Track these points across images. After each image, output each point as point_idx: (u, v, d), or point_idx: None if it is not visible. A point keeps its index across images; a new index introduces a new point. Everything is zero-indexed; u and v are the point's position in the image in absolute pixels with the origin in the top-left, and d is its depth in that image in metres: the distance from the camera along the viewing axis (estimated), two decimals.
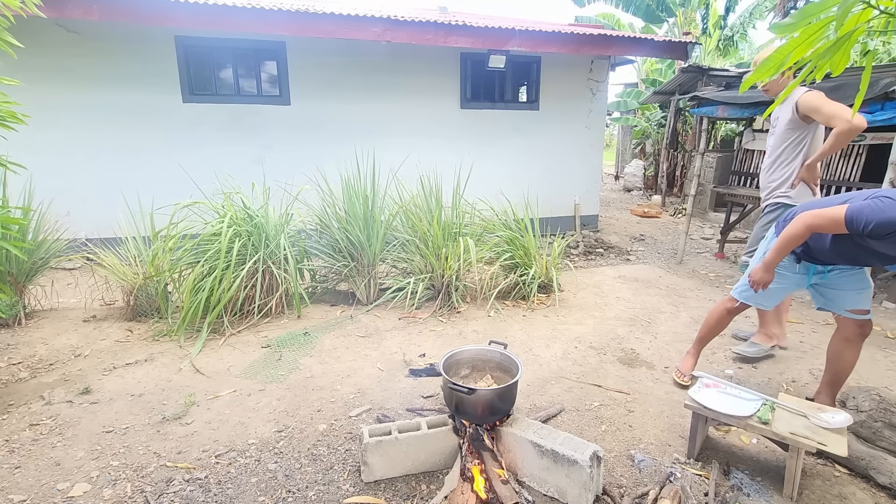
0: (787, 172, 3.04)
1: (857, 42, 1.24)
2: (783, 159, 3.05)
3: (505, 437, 2.05)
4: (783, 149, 3.03)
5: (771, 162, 3.10)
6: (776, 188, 3.09)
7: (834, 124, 2.71)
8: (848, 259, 2.19)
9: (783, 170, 3.05)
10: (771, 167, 3.11)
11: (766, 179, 3.16)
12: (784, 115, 3.00)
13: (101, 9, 4.52)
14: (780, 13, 10.47)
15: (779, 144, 3.05)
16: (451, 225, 4.31)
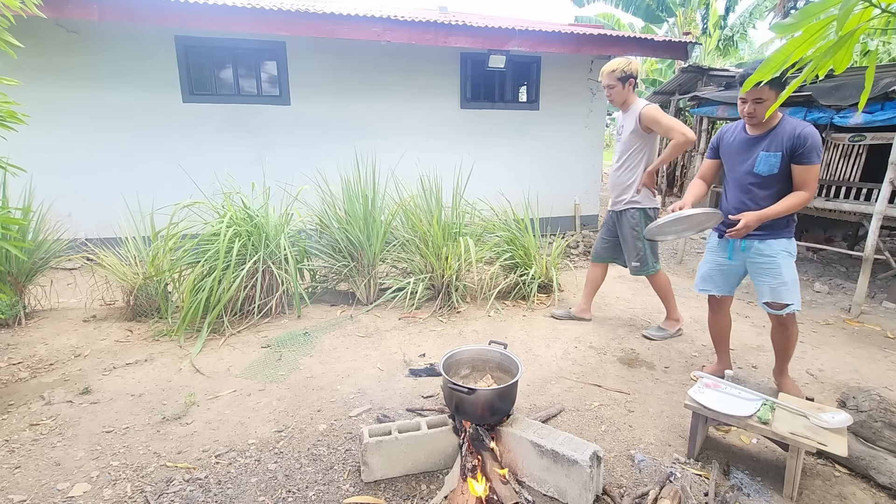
0: (633, 177, 3.34)
1: (858, 42, 1.25)
2: (628, 164, 3.35)
3: (505, 437, 2.05)
4: (629, 154, 3.33)
5: (619, 166, 3.40)
6: (624, 192, 3.39)
7: (672, 136, 3.09)
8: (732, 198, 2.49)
9: (629, 174, 3.36)
10: (618, 171, 3.40)
11: (614, 181, 3.45)
12: (628, 124, 3.29)
13: (101, 9, 4.52)
14: (780, 13, 10.48)
15: (625, 151, 3.35)
16: (451, 225, 4.31)
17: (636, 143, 3.31)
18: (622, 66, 3.22)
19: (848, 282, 4.90)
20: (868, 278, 4.09)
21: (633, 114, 3.28)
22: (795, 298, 2.41)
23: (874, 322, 3.96)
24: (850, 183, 4.55)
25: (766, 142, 2.31)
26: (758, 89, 2.17)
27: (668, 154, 3.20)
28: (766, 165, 2.31)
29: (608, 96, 3.32)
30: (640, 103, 3.27)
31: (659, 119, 3.17)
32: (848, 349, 3.42)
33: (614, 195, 3.46)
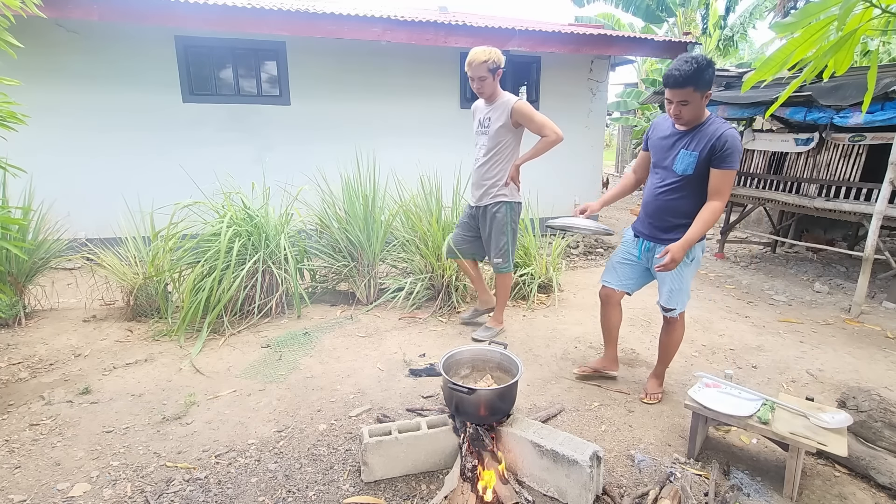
0: (502, 172, 3.21)
1: (858, 42, 1.24)
2: (497, 159, 3.20)
3: (505, 437, 2.05)
4: (497, 149, 3.19)
5: (486, 160, 3.22)
6: (491, 186, 3.23)
7: (544, 133, 3.07)
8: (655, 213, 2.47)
9: (497, 169, 3.21)
10: (485, 165, 3.23)
11: (481, 176, 3.26)
12: (497, 118, 3.15)
13: (101, 9, 4.52)
14: (780, 13, 10.48)
15: (494, 145, 3.19)
16: (451, 225, 4.30)
17: (505, 138, 3.17)
18: (493, 57, 3.02)
19: (848, 282, 4.90)
20: (868, 278, 4.09)
21: (502, 107, 3.13)
22: (681, 303, 2.50)
23: (874, 322, 3.96)
24: (850, 183, 4.55)
25: (688, 139, 2.26)
26: (683, 91, 2.10)
27: (538, 151, 3.11)
28: (683, 164, 2.26)
29: (478, 88, 3.11)
30: (510, 97, 3.15)
31: (532, 115, 3.10)
32: (848, 349, 3.42)
33: (479, 190, 3.29)
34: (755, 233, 6.45)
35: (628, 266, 2.62)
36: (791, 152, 5.08)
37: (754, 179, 5.51)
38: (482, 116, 3.24)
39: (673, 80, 2.10)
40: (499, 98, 3.18)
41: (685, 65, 2.06)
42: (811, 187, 4.89)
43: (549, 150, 3.10)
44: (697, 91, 2.10)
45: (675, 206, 2.35)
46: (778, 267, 5.60)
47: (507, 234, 3.26)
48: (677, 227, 2.35)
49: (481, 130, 3.25)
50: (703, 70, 2.06)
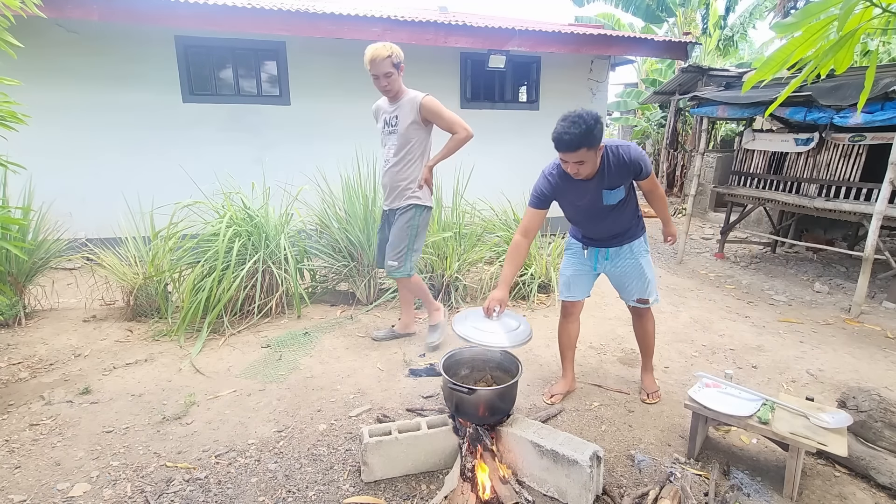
0: (416, 173, 3.03)
1: (859, 42, 1.25)
2: (409, 159, 3.03)
3: (505, 437, 2.05)
4: (409, 148, 3.02)
5: (398, 161, 3.02)
6: (405, 188, 3.04)
7: (454, 130, 2.94)
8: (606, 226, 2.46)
9: (409, 169, 3.03)
10: (397, 166, 3.03)
11: (392, 178, 3.05)
12: (405, 115, 2.98)
13: (101, 9, 4.52)
14: (781, 13, 10.48)
15: (404, 144, 3.00)
16: (451, 225, 4.31)
17: (416, 136, 3.00)
18: (395, 52, 2.89)
19: (848, 282, 4.90)
20: (868, 278, 4.09)
21: (409, 104, 2.97)
22: (656, 292, 2.61)
23: (874, 322, 3.96)
24: (850, 183, 4.55)
25: (603, 181, 2.25)
26: (577, 153, 2.06)
27: (449, 150, 2.96)
28: (614, 198, 2.31)
29: (385, 87, 2.93)
30: (416, 93, 3.00)
31: (441, 111, 2.97)
32: (848, 349, 3.42)
33: (392, 193, 3.09)
34: (755, 233, 6.45)
35: (584, 276, 2.61)
36: (791, 152, 5.08)
37: (754, 179, 5.51)
38: (388, 115, 3.06)
39: (565, 145, 2.07)
40: (404, 95, 3.02)
41: (573, 127, 2.05)
42: (811, 187, 4.89)
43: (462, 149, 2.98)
44: (591, 150, 2.09)
45: (618, 222, 2.44)
46: (778, 267, 5.60)
47: (409, 237, 3.05)
48: (628, 231, 2.49)
49: (389, 130, 3.06)
50: (591, 129, 2.05)
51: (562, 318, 2.72)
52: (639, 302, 2.60)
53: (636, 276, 2.54)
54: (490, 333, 2.06)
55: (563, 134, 2.07)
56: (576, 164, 2.12)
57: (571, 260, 2.63)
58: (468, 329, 2.07)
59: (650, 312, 2.69)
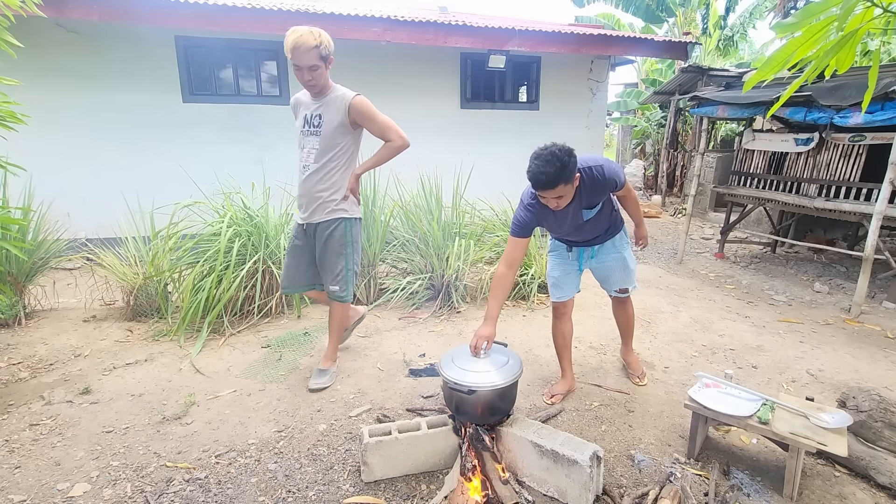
0: (340, 182, 2.64)
1: (860, 41, 1.25)
2: (334, 166, 2.61)
3: (505, 437, 2.05)
4: (334, 154, 2.60)
5: (320, 167, 2.59)
6: (328, 199, 2.63)
7: (388, 137, 2.60)
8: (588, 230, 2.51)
9: (334, 178, 2.62)
10: (318, 173, 2.60)
11: (312, 187, 2.62)
12: (332, 116, 2.56)
13: (101, 9, 4.52)
14: (781, 13, 10.48)
15: (328, 148, 2.59)
16: (451, 225, 4.31)
17: (342, 141, 2.61)
18: (324, 41, 2.42)
19: (848, 282, 4.90)
20: (868, 278, 4.09)
21: (337, 103, 2.56)
22: (635, 280, 2.75)
23: (874, 322, 3.96)
24: (850, 183, 4.55)
25: (579, 202, 2.30)
26: (555, 190, 2.10)
27: (381, 158, 2.64)
28: (591, 213, 2.38)
29: (308, 81, 2.48)
30: (346, 91, 2.60)
31: (374, 115, 2.58)
32: (848, 349, 3.42)
33: (312, 204, 2.64)
34: (755, 233, 6.45)
35: (572, 276, 2.69)
36: (791, 152, 5.08)
37: (754, 179, 5.51)
38: (310, 113, 2.62)
39: (542, 185, 2.10)
40: (331, 92, 2.59)
41: (548, 166, 2.08)
42: (811, 187, 4.89)
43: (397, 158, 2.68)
44: (568, 184, 2.13)
45: (598, 226, 2.49)
46: (778, 267, 5.60)
47: (346, 255, 2.69)
48: (608, 229, 2.56)
49: (310, 130, 2.62)
50: (566, 165, 2.10)
51: (554, 319, 2.74)
52: (620, 292, 2.76)
53: (620, 269, 2.66)
54: (480, 373, 2.00)
55: (538, 174, 2.09)
56: (555, 199, 2.15)
57: (557, 261, 2.69)
58: (457, 372, 2.01)
59: (629, 301, 2.85)
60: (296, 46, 2.37)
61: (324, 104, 2.58)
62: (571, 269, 2.67)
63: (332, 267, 2.70)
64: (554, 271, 2.68)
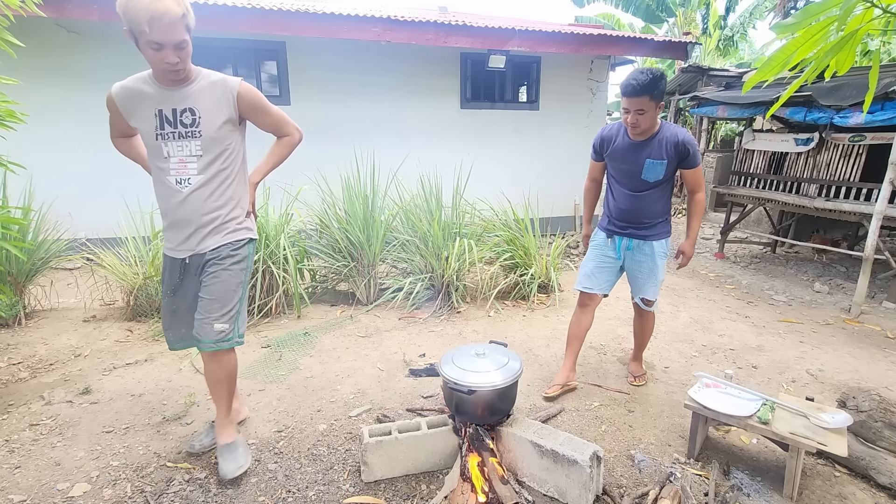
0: (238, 193, 2.05)
1: (860, 42, 1.25)
2: (227, 175, 1.99)
3: (505, 437, 2.05)
4: (224, 159, 1.97)
5: (207, 179, 1.93)
6: (228, 218, 2.00)
7: (286, 130, 2.17)
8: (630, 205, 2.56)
9: (229, 191, 2.01)
10: (207, 188, 1.93)
11: (200, 208, 1.94)
12: (213, 109, 1.92)
13: (101, 9, 4.52)
14: (781, 13, 10.48)
15: (216, 153, 1.94)
16: (451, 225, 4.31)
17: (231, 140, 1.99)
18: (189, 7, 1.80)
19: (848, 282, 4.90)
20: (868, 278, 4.09)
21: (216, 92, 1.93)
22: (657, 292, 2.69)
23: (874, 322, 3.96)
24: (850, 183, 4.55)
25: (650, 148, 2.39)
26: (640, 100, 2.21)
27: (281, 157, 2.18)
28: (653, 174, 2.42)
29: (174, 63, 1.79)
30: (220, 76, 1.98)
31: (267, 105, 2.10)
32: (848, 349, 3.42)
33: (202, 230, 1.96)
34: (755, 233, 6.45)
35: (607, 269, 2.68)
36: (791, 152, 5.08)
37: (754, 179, 5.51)
38: (170, 109, 1.88)
39: (631, 90, 2.21)
40: (199, 77, 1.92)
41: (641, 75, 2.20)
42: (811, 187, 4.89)
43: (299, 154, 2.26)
44: (653, 100, 2.23)
45: (651, 209, 2.52)
46: (778, 267, 5.60)
47: (244, 286, 2.09)
48: (656, 225, 2.56)
49: (179, 132, 1.89)
50: (657, 80, 2.20)
51: (577, 307, 2.78)
52: (644, 302, 2.70)
53: (647, 274, 2.61)
54: (480, 373, 2.00)
55: (631, 80, 2.22)
56: (636, 112, 2.26)
57: (594, 252, 2.71)
58: (457, 372, 2.01)
59: (651, 314, 2.79)
60: (155, 17, 1.67)
61: (191, 95, 1.89)
62: (608, 262, 2.67)
63: (225, 300, 2.01)
64: (589, 262, 2.72)
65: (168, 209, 1.99)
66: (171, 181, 1.94)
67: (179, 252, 2.03)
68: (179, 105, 1.90)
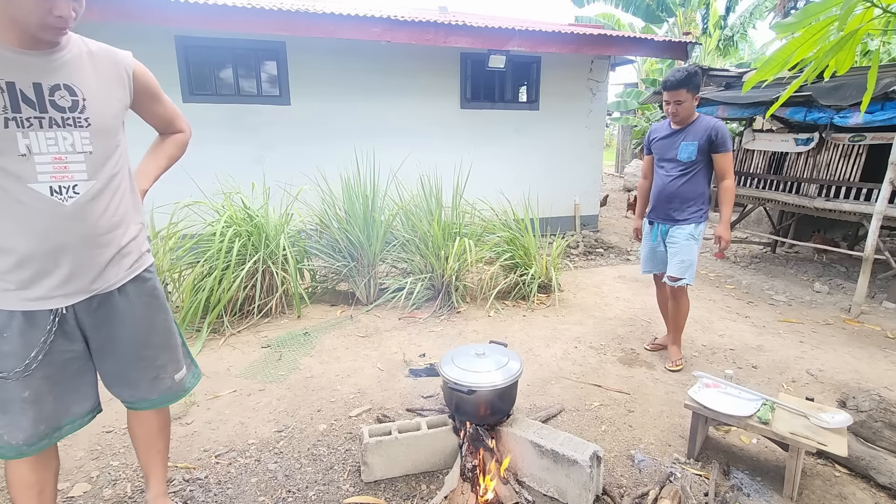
0: (134, 206, 1.57)
1: (860, 42, 1.25)
2: (121, 181, 1.49)
3: (505, 437, 2.05)
4: (116, 160, 1.48)
5: (101, 187, 1.40)
6: (132, 241, 1.52)
7: (180, 126, 1.84)
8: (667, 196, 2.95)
9: (126, 202, 1.51)
10: (101, 199, 1.40)
11: (93, 228, 1.39)
12: (104, 89, 1.45)
13: (101, 9, 4.52)
14: (781, 13, 10.48)
15: (107, 151, 1.43)
16: (451, 225, 4.31)
17: (121, 135, 1.52)
18: None
19: (848, 282, 4.90)
20: (868, 278, 4.09)
21: (105, 66, 1.48)
22: (690, 275, 2.91)
23: (874, 322, 3.96)
24: (850, 183, 4.54)
25: (685, 133, 2.80)
26: (678, 92, 2.66)
27: (172, 157, 1.84)
28: (686, 153, 2.80)
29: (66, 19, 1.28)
30: (110, 48, 1.53)
31: (160, 90, 1.73)
32: (848, 349, 3.42)
33: (96, 259, 1.41)
34: (755, 233, 6.45)
35: (655, 253, 3.10)
36: (791, 152, 5.08)
37: (754, 179, 5.51)
38: (35, 85, 1.30)
39: (670, 84, 2.67)
40: (69, 44, 1.39)
41: (678, 72, 2.66)
42: (811, 187, 4.89)
43: None
44: (689, 92, 2.68)
45: (685, 190, 2.86)
46: (778, 267, 5.60)
47: (176, 326, 1.71)
48: (689, 207, 2.88)
49: (56, 119, 1.33)
50: (693, 75, 2.66)
51: (656, 289, 3.29)
52: (670, 279, 2.95)
53: (679, 253, 2.90)
54: (480, 373, 2.00)
55: (669, 77, 2.68)
56: (675, 103, 2.71)
57: (645, 240, 3.14)
58: (457, 372, 2.01)
59: (685, 294, 3.03)
60: None
61: (64, 66, 1.35)
62: (654, 244, 3.07)
63: (171, 343, 1.66)
64: (643, 250, 3.18)
65: (33, 233, 1.30)
66: (38, 190, 1.29)
67: (53, 300, 1.36)
68: (47, 79, 1.31)
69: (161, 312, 1.62)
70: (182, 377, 1.70)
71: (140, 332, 1.56)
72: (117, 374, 1.62)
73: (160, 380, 1.64)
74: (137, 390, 1.64)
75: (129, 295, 1.51)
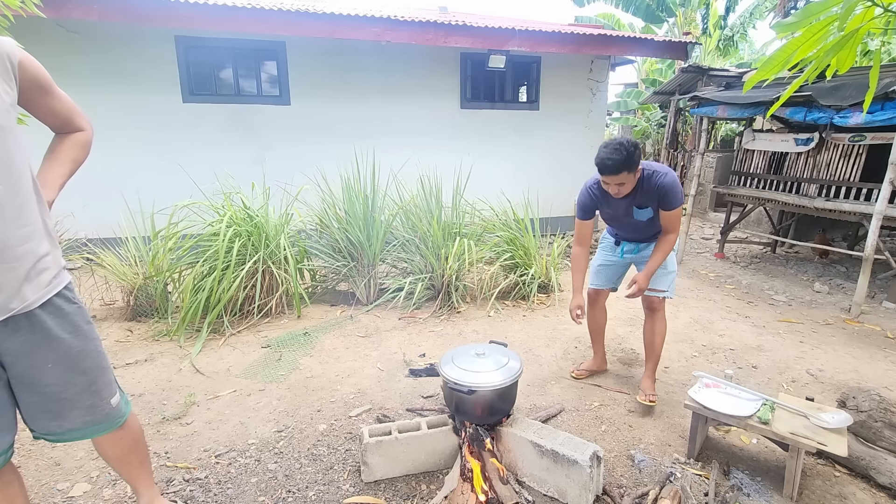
0: (42, 216, 1.39)
1: (860, 41, 1.25)
2: (27, 187, 1.33)
3: (505, 437, 2.05)
4: (20, 164, 1.29)
5: (7, 193, 1.23)
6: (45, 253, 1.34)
7: (81, 125, 1.54)
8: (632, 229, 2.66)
9: (34, 211, 1.35)
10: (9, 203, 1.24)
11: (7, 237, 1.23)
12: None
13: (101, 9, 4.52)
14: (781, 13, 10.48)
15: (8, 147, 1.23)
16: (451, 225, 4.31)
17: (16, 136, 1.27)
18: None
19: (848, 282, 4.90)
20: (868, 278, 4.09)
21: None
22: (672, 288, 2.67)
23: (874, 322, 3.96)
24: (850, 183, 4.54)
25: (636, 199, 2.47)
26: (618, 176, 2.28)
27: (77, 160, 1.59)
28: (644, 216, 2.52)
29: None
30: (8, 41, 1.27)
31: (53, 83, 1.40)
32: (848, 349, 3.42)
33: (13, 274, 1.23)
34: (755, 233, 6.45)
35: (611, 267, 2.82)
36: (791, 152, 5.08)
37: (754, 179, 5.50)
38: None
39: (608, 169, 2.29)
40: None
41: (615, 154, 2.25)
42: (811, 187, 4.89)
43: None
44: (630, 173, 2.30)
45: (650, 230, 2.62)
46: (778, 267, 5.60)
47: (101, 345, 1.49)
48: (654, 236, 2.63)
49: None
50: (631, 155, 2.26)
51: (588, 305, 2.85)
52: (653, 291, 2.67)
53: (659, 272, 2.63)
54: (480, 373, 2.00)
55: (606, 160, 2.27)
56: (616, 185, 2.36)
57: (602, 253, 2.86)
58: (457, 372, 2.02)
59: (662, 313, 2.70)
60: None
61: None
62: (612, 260, 2.80)
63: (104, 366, 1.48)
64: (596, 260, 2.88)
65: None
66: None
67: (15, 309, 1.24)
68: None
69: (92, 331, 1.44)
70: (117, 402, 1.51)
71: (70, 355, 1.36)
72: (43, 404, 1.37)
73: (95, 407, 1.43)
74: (67, 420, 1.41)
75: (52, 314, 1.32)
